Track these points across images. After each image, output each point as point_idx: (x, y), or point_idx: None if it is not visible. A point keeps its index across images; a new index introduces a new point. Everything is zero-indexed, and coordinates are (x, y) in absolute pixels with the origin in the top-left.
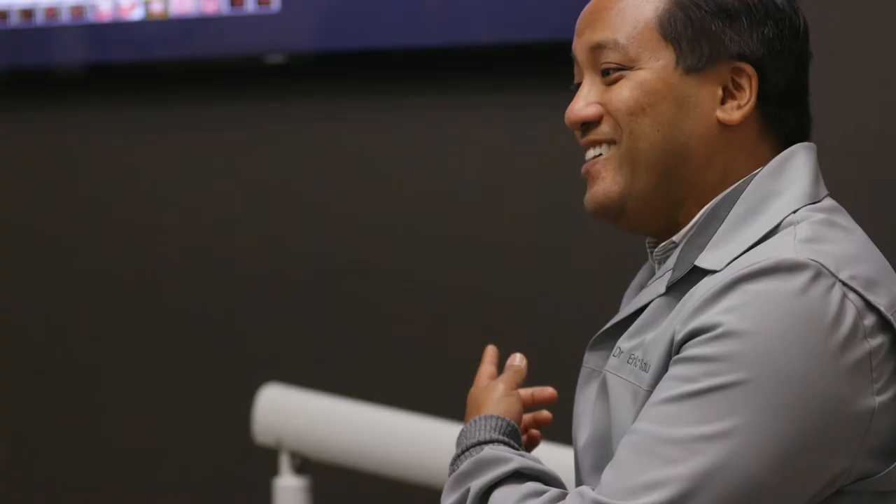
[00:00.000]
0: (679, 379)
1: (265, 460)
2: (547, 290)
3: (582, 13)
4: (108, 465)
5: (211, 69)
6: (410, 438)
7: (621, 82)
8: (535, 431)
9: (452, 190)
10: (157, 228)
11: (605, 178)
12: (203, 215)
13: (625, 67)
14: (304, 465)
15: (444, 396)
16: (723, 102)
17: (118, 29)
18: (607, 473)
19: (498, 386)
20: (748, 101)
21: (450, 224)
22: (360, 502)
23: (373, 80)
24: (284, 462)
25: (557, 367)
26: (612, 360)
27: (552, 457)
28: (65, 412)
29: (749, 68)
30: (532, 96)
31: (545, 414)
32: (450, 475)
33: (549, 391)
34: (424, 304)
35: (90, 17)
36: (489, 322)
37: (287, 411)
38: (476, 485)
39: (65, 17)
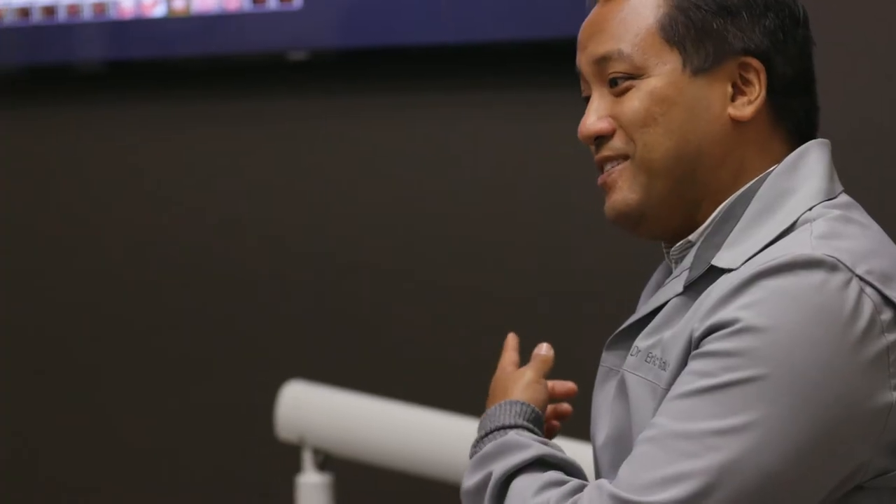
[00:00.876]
0: (697, 374)
1: (287, 457)
2: (547, 290)
3: (582, 27)
4: (108, 465)
5: (233, 66)
6: (433, 435)
7: (631, 93)
8: (555, 422)
9: (469, 189)
10: (163, 228)
11: (623, 187)
12: (216, 213)
13: (633, 76)
14: (326, 461)
15: (445, 396)
16: (732, 100)
17: (140, 26)
18: (625, 468)
19: (526, 373)
20: (758, 94)
21: (466, 223)
22: (382, 498)
23: (395, 77)
24: (307, 459)
25: (557, 367)
26: (630, 360)
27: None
28: (65, 412)
29: (755, 62)
30: (550, 94)
31: (565, 406)
32: (471, 456)
33: (569, 385)
34: (425, 304)
35: (112, 15)
36: (489, 322)
37: (310, 408)
38: (498, 469)
39: (87, 15)
